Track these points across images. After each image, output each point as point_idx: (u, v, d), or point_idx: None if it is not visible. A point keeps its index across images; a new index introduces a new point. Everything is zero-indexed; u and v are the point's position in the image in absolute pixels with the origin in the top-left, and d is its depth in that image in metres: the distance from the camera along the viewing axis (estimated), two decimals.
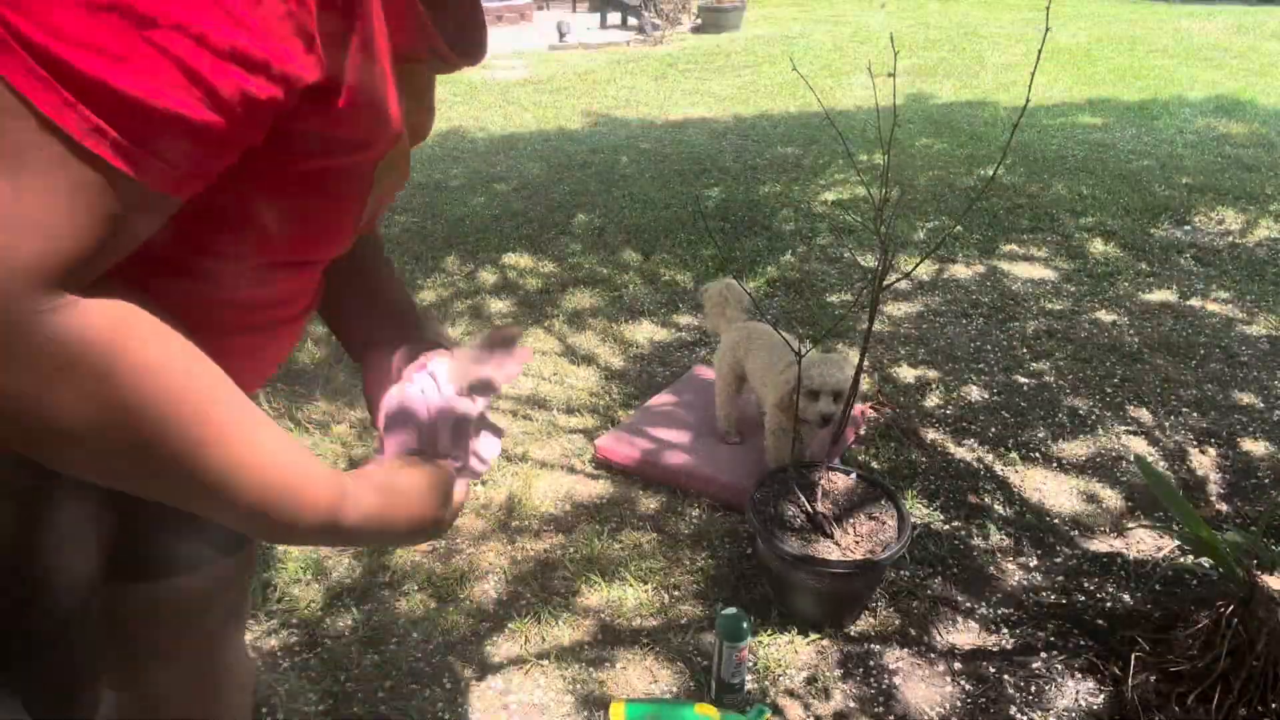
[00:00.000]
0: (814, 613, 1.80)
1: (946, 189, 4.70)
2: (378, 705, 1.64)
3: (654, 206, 4.46)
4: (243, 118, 0.46)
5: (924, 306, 3.34)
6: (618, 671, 1.72)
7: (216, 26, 0.42)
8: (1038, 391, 2.72)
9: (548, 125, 6.48)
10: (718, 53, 9.66)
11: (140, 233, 0.47)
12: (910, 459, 2.37)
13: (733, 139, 5.94)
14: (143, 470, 0.50)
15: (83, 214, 0.42)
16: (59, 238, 0.42)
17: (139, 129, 0.42)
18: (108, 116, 0.41)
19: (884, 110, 5.87)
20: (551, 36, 10.62)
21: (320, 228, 0.63)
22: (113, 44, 0.40)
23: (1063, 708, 1.63)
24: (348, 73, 0.52)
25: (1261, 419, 2.55)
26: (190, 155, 0.45)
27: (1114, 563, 2.00)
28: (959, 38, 9.98)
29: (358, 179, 0.62)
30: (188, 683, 1.00)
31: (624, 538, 2.08)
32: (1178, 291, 3.42)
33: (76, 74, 0.40)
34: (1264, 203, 4.36)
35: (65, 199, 0.42)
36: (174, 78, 0.42)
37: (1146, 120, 6.08)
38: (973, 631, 1.81)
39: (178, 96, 0.43)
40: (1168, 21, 10.76)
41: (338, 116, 0.53)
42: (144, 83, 0.41)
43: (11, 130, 0.40)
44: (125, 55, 0.41)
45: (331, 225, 0.64)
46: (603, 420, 2.58)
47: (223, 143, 0.47)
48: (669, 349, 3.05)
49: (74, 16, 0.40)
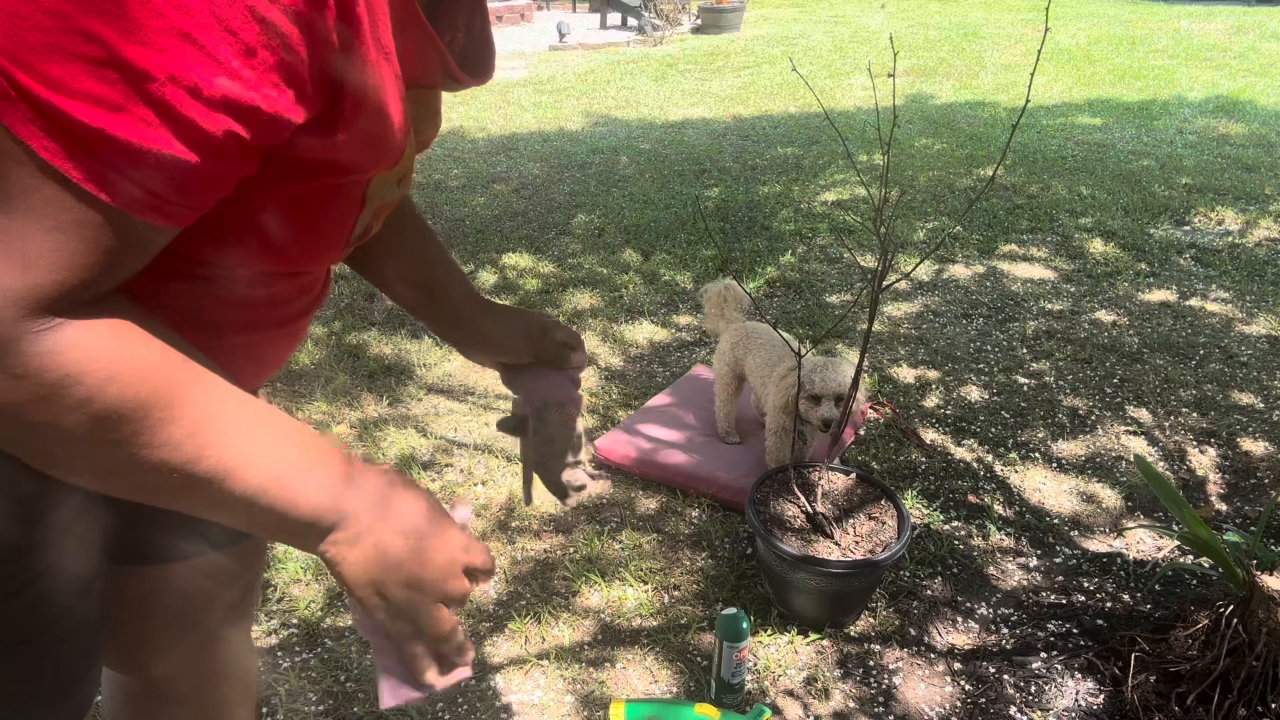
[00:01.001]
0: (814, 613, 1.80)
1: (946, 189, 4.70)
2: (378, 705, 1.64)
3: (654, 207, 4.46)
4: (235, 158, 0.49)
5: (924, 306, 3.34)
6: (618, 671, 1.72)
7: (208, 78, 0.45)
8: (1037, 391, 2.72)
9: (548, 125, 6.48)
10: (718, 53, 9.66)
11: (137, 260, 0.50)
12: (910, 459, 2.37)
13: (732, 139, 5.95)
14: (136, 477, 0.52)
15: (80, 249, 0.46)
16: (56, 269, 0.45)
17: (135, 171, 0.45)
18: (105, 161, 0.44)
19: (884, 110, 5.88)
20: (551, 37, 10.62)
21: (311, 241, 0.65)
22: (110, 95, 0.43)
23: (1062, 708, 1.63)
24: (347, 107, 0.53)
25: (1261, 419, 2.55)
26: (184, 192, 0.48)
27: (1114, 563, 2.00)
28: (959, 38, 9.98)
29: (351, 197, 0.63)
30: (193, 670, 1.01)
31: (624, 538, 2.08)
32: (1177, 291, 3.42)
33: (76, 124, 0.43)
34: (1263, 203, 4.36)
35: (64, 236, 0.45)
36: (168, 125, 0.45)
37: (1146, 120, 6.08)
38: (972, 631, 1.81)
39: (171, 142, 0.45)
40: (1167, 22, 10.76)
41: (336, 145, 0.55)
42: (139, 130, 0.44)
43: (13, 175, 0.43)
44: (122, 105, 0.43)
45: (323, 239, 0.65)
46: (602, 420, 2.58)
47: (215, 180, 0.50)
48: (668, 349, 3.05)
49: (74, 71, 0.42)
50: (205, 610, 0.98)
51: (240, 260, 0.61)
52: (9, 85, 0.42)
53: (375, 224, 0.75)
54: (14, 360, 0.44)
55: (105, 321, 0.48)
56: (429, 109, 0.68)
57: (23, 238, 0.44)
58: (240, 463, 0.54)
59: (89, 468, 0.51)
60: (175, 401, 0.51)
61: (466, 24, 0.72)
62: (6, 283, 0.44)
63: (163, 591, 0.91)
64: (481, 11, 0.73)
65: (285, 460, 0.56)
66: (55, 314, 0.46)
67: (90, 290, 0.47)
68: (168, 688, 1.01)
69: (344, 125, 0.54)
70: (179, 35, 0.43)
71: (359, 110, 0.54)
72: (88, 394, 0.47)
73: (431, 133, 0.72)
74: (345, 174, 0.59)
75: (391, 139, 0.59)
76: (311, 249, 0.66)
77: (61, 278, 0.45)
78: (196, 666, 1.02)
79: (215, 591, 0.96)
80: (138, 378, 0.49)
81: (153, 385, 0.49)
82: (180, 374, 0.52)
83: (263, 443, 0.55)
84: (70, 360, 0.46)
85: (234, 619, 1.04)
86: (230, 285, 0.62)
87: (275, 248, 0.62)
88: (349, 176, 0.60)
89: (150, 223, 0.48)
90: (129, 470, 0.51)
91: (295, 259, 0.65)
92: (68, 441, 0.48)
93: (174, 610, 0.94)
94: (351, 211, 0.65)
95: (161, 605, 0.92)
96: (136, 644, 0.94)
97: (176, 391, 0.51)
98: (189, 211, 0.50)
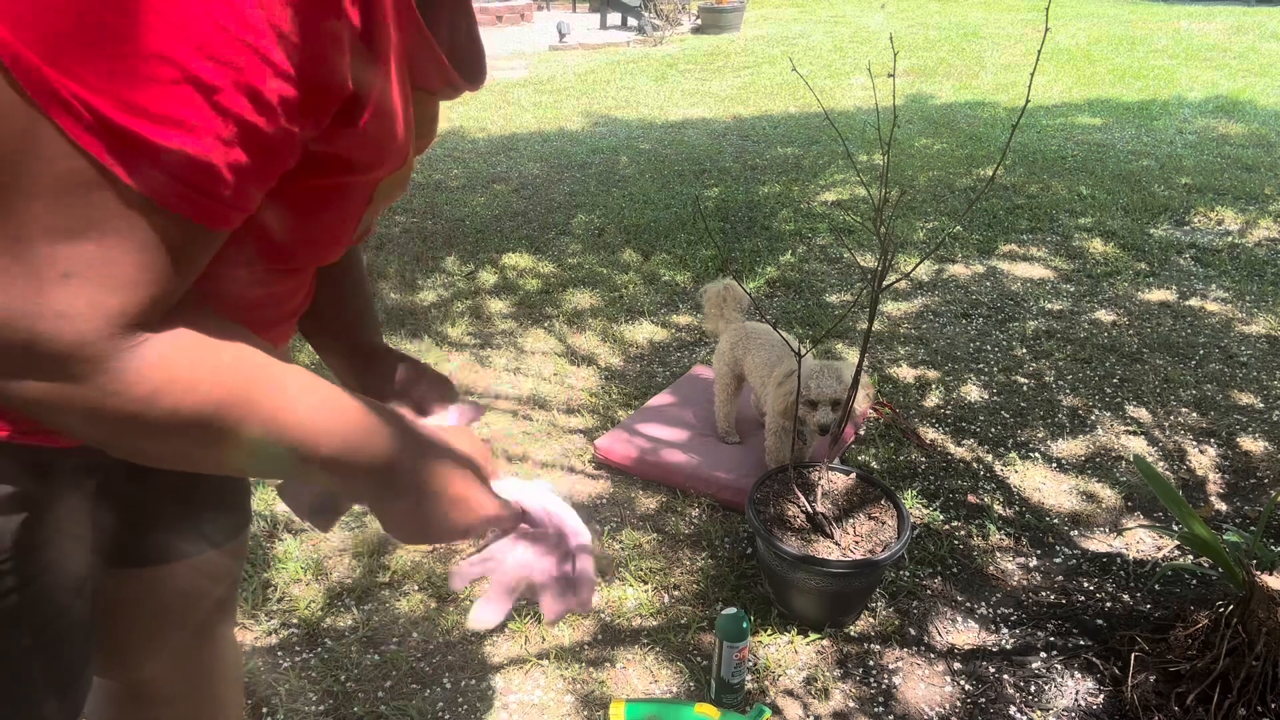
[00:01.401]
0: (814, 613, 1.80)
1: (946, 189, 4.70)
2: (378, 705, 1.64)
3: (653, 207, 4.46)
4: (287, 155, 0.52)
5: (924, 306, 3.34)
6: (618, 671, 1.72)
7: (266, 82, 0.47)
8: (1037, 391, 2.72)
9: (548, 125, 6.48)
10: (717, 53, 9.66)
11: (202, 265, 0.53)
12: (910, 459, 2.37)
13: (732, 139, 5.95)
14: (219, 463, 0.56)
15: (163, 264, 0.48)
16: (142, 285, 0.48)
17: (206, 184, 0.47)
18: (187, 182, 0.47)
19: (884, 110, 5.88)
20: (551, 37, 10.62)
21: (319, 237, 0.67)
22: (188, 115, 0.45)
23: (1062, 707, 1.63)
24: (369, 100, 0.56)
25: (1261, 419, 2.55)
26: (244, 195, 0.51)
27: (1113, 563, 2.00)
28: (959, 38, 9.98)
29: (360, 194, 0.66)
30: (178, 672, 1.02)
31: (624, 538, 2.08)
32: (1177, 291, 3.42)
33: (158, 149, 0.45)
34: (1263, 203, 4.36)
35: (149, 254, 0.47)
36: (235, 135, 0.47)
37: (1146, 120, 6.08)
38: (972, 631, 1.81)
39: (238, 151, 0.48)
40: (1167, 22, 10.77)
41: (356, 139, 0.57)
42: (213, 146, 0.46)
43: (99, 201, 0.45)
44: (198, 124, 0.45)
45: (330, 235, 0.68)
46: (602, 420, 2.58)
47: (269, 177, 0.53)
48: (668, 349, 3.05)
49: (150, 95, 0.44)
50: (190, 611, 0.98)
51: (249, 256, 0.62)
52: (90, 114, 0.43)
53: (372, 225, 0.77)
54: (110, 378, 0.47)
55: (182, 331, 0.51)
56: (427, 114, 0.70)
57: (113, 260, 0.46)
58: (313, 439, 0.57)
59: (174, 460, 0.55)
60: (250, 397, 0.54)
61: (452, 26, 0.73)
62: (104, 305, 0.46)
63: (148, 594, 0.91)
64: (467, 14, 0.75)
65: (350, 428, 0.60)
66: (144, 329, 0.48)
67: (170, 301, 0.50)
68: (153, 689, 1.01)
69: (364, 118, 0.56)
70: (243, 45, 0.45)
71: (377, 106, 0.56)
72: (174, 404, 0.50)
73: (429, 139, 0.74)
74: (357, 172, 0.61)
75: (401, 140, 0.61)
76: (315, 246, 0.68)
77: (150, 294, 0.48)
78: (182, 667, 1.02)
79: (200, 592, 0.97)
80: (214, 382, 0.52)
81: (228, 387, 0.53)
82: (251, 369, 0.55)
83: (330, 417, 0.59)
84: (157, 375, 0.49)
85: (218, 618, 1.04)
86: (232, 282, 0.63)
87: (282, 245, 0.63)
88: (360, 175, 0.62)
89: (221, 230, 0.51)
90: (212, 459, 0.55)
91: (298, 256, 0.67)
92: (155, 442, 0.52)
93: (159, 612, 0.94)
94: (358, 210, 0.67)
95: (146, 608, 0.92)
96: (122, 647, 0.94)
97: (250, 387, 0.54)
98: (246, 212, 0.52)
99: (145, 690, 1.01)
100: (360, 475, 0.61)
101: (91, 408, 0.48)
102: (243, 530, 1.00)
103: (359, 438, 0.60)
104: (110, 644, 0.91)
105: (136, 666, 0.98)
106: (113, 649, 0.92)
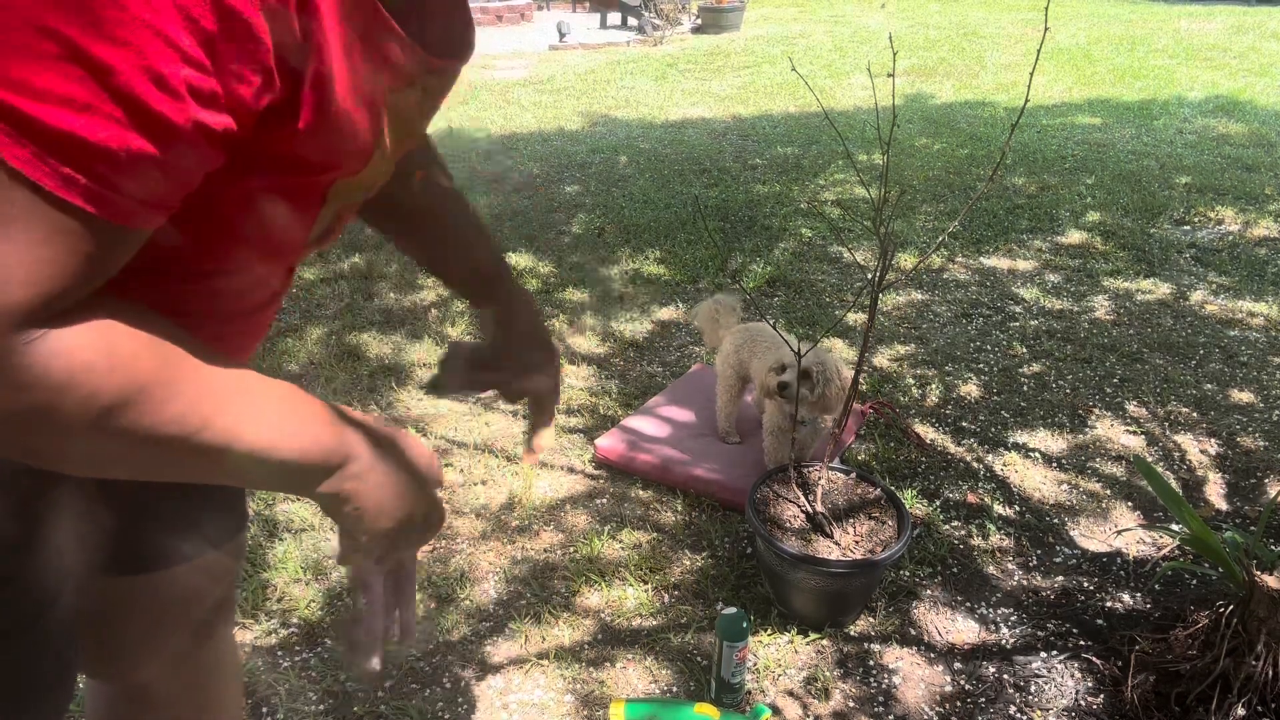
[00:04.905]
0: (814, 612, 1.80)
1: (946, 189, 4.70)
2: (378, 705, 1.64)
3: (653, 206, 4.46)
4: (203, 150, 0.48)
5: (923, 305, 3.34)
6: (618, 671, 1.72)
7: (173, 68, 0.43)
8: (1037, 391, 2.72)
9: (548, 125, 6.48)
10: (717, 53, 9.66)
11: (113, 264, 0.49)
12: (910, 459, 2.37)
13: (732, 139, 5.94)
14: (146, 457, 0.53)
15: (58, 258, 0.44)
16: (35, 281, 0.44)
17: (107, 173, 0.44)
18: (77, 165, 0.43)
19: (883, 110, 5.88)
20: (551, 36, 10.62)
21: (264, 240, 0.64)
22: (78, 94, 0.41)
23: (1062, 707, 1.63)
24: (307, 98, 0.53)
25: (1261, 418, 2.55)
26: (156, 191, 0.47)
27: (1113, 563, 2.00)
28: (959, 38, 9.98)
29: (309, 198, 0.63)
30: (176, 675, 1.01)
31: (624, 538, 2.08)
32: (1177, 291, 3.42)
33: (45, 128, 0.41)
34: (1263, 203, 4.36)
35: (40, 246, 0.44)
36: (137, 121, 0.43)
37: (1146, 120, 6.08)
38: (972, 631, 1.81)
39: (141, 139, 0.44)
40: (1167, 22, 10.76)
41: (299, 139, 0.54)
42: (109, 130, 0.43)
43: None
44: (90, 104, 0.42)
45: (279, 238, 0.65)
46: (602, 420, 2.58)
47: (186, 175, 0.49)
48: (668, 349, 3.05)
49: (37, 71, 0.40)
50: (188, 615, 0.97)
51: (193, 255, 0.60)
52: None
53: (337, 227, 0.74)
54: (11, 375, 0.44)
55: (94, 323, 0.48)
56: (401, 116, 0.66)
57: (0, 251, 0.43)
58: (244, 424, 0.55)
59: (98, 457, 0.52)
60: (173, 379, 0.51)
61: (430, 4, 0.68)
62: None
63: (145, 599, 0.90)
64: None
65: (284, 413, 0.58)
66: (41, 325, 0.45)
67: (73, 296, 0.47)
68: (152, 692, 1.01)
69: (304, 117, 0.53)
70: (142, 26, 0.42)
71: (320, 103, 0.53)
72: (92, 389, 0.47)
73: (410, 138, 0.71)
74: (306, 173, 0.58)
75: (356, 141, 0.58)
76: (266, 247, 0.65)
77: (44, 289, 0.44)
78: (180, 669, 1.01)
79: (197, 596, 0.96)
80: (135, 364, 0.49)
81: (150, 368, 0.50)
82: (173, 353, 0.52)
83: (259, 402, 0.57)
84: (70, 362, 0.46)
85: (216, 620, 1.04)
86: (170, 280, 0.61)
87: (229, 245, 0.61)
88: (311, 177, 0.59)
89: (132, 227, 0.47)
90: (139, 452, 0.52)
91: (249, 256, 0.65)
92: (75, 436, 0.49)
93: (157, 616, 0.93)
94: (309, 213, 0.64)
95: (144, 613, 0.91)
96: (119, 651, 0.93)
97: (172, 370, 0.51)
98: (162, 211, 0.49)
99: (144, 693, 1.01)
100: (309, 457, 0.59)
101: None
102: (240, 531, 1.00)
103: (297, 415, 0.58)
104: (107, 648, 0.90)
105: (134, 669, 0.97)
106: (110, 652, 0.92)
